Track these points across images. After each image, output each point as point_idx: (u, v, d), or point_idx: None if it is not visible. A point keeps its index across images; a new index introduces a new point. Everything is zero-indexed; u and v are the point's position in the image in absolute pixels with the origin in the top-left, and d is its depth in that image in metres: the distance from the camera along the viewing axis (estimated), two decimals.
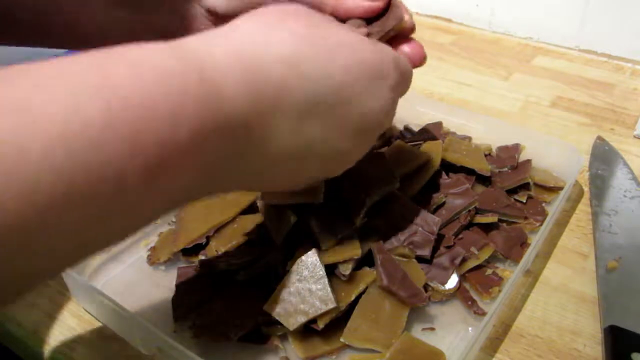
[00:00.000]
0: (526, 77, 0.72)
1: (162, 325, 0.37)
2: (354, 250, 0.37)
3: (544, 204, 0.47)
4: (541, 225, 0.44)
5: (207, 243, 0.42)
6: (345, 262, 0.37)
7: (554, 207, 0.44)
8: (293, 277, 0.36)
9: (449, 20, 0.88)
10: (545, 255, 0.45)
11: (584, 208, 0.50)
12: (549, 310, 0.40)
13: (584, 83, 0.71)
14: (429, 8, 0.90)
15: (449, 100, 0.67)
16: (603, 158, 0.55)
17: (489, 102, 0.67)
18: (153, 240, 0.45)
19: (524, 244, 0.43)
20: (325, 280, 0.35)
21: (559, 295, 0.41)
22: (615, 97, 0.68)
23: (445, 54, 0.79)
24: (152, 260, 0.43)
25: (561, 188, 0.48)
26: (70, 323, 0.39)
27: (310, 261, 0.36)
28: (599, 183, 0.51)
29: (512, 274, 0.39)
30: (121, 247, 0.44)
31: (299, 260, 0.36)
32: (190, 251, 0.42)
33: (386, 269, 0.37)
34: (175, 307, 0.38)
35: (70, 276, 0.38)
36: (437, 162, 0.45)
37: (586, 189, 0.52)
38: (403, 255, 0.39)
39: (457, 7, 0.87)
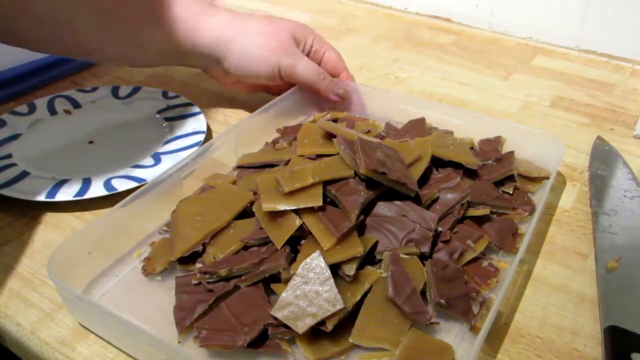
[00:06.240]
0: (526, 77, 0.72)
1: (165, 337, 0.36)
2: (356, 249, 0.37)
3: (529, 194, 0.48)
4: (530, 215, 0.45)
5: (203, 250, 0.41)
6: (349, 261, 0.37)
7: (543, 197, 0.45)
8: (299, 280, 0.36)
9: (449, 20, 0.88)
10: (545, 255, 0.45)
11: (584, 208, 0.50)
12: (549, 310, 0.40)
13: (584, 83, 0.71)
14: (429, 8, 0.90)
15: (449, 100, 0.67)
16: (603, 158, 0.55)
17: (489, 102, 0.67)
18: (146, 250, 0.43)
19: (515, 234, 0.44)
20: (332, 281, 0.35)
21: (559, 295, 0.41)
22: (615, 97, 0.68)
23: (445, 54, 0.79)
24: (147, 271, 0.41)
25: (545, 178, 0.49)
26: (70, 323, 0.39)
27: (316, 263, 0.36)
28: (599, 183, 0.51)
29: (507, 265, 0.41)
30: (112, 260, 0.43)
31: (303, 263, 0.36)
32: (186, 259, 0.41)
33: (396, 280, 0.37)
34: (178, 318, 0.37)
35: (67, 293, 0.37)
36: (427, 158, 0.45)
37: (586, 189, 0.52)
38: (411, 254, 0.39)
39: (457, 7, 0.87)
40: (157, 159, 0.54)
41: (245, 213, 0.43)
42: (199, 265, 0.40)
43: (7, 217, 0.48)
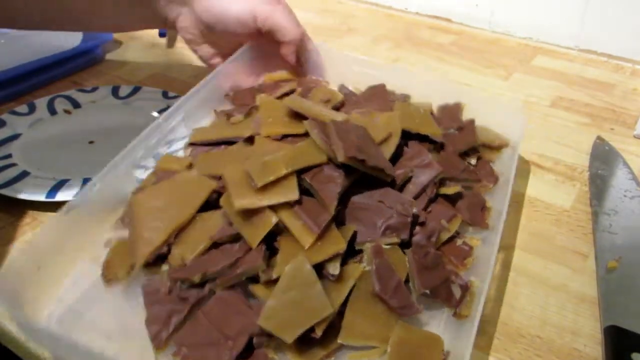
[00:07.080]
0: (526, 77, 0.72)
1: (140, 356, 0.32)
2: (338, 245, 0.36)
3: (491, 164, 0.48)
4: (494, 185, 0.46)
5: (169, 251, 0.37)
6: (332, 259, 0.35)
7: (512, 170, 0.44)
8: (284, 286, 0.34)
9: (449, 20, 0.88)
10: (545, 254, 0.45)
11: (583, 208, 0.50)
12: (549, 310, 0.40)
13: (584, 83, 0.71)
14: (429, 8, 0.90)
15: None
16: (603, 158, 0.55)
17: None
18: (101, 254, 0.38)
19: (484, 208, 0.44)
20: (319, 285, 0.34)
21: (559, 295, 0.41)
22: (615, 97, 0.68)
23: (445, 54, 0.79)
24: (107, 278, 0.37)
25: (506, 145, 0.49)
26: None
27: (301, 268, 0.34)
28: (599, 183, 0.51)
29: (478, 242, 0.41)
30: (66, 271, 0.38)
31: (287, 268, 0.34)
32: (150, 263, 0.37)
33: (380, 274, 0.36)
34: (153, 332, 0.34)
35: (20, 323, 0.33)
36: (397, 137, 0.43)
37: (586, 188, 0.52)
38: (391, 244, 0.38)
39: (457, 7, 0.87)
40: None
41: (208, 203, 0.40)
42: (165, 267, 0.36)
43: (7, 217, 0.48)
